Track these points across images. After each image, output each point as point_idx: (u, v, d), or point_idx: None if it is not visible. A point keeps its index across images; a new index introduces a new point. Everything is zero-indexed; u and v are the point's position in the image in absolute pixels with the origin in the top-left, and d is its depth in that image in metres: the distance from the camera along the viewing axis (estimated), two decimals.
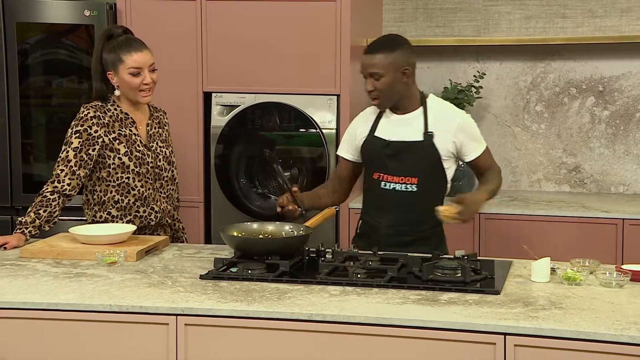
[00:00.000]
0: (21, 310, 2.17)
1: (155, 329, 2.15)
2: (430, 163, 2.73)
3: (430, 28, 4.11)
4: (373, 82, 2.69)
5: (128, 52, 2.79)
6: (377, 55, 2.68)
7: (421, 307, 2.12)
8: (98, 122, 2.81)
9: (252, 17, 3.66)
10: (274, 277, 2.36)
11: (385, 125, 2.79)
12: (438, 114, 2.75)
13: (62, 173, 2.77)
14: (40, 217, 2.73)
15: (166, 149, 2.94)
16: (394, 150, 2.74)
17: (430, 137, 2.72)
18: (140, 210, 2.88)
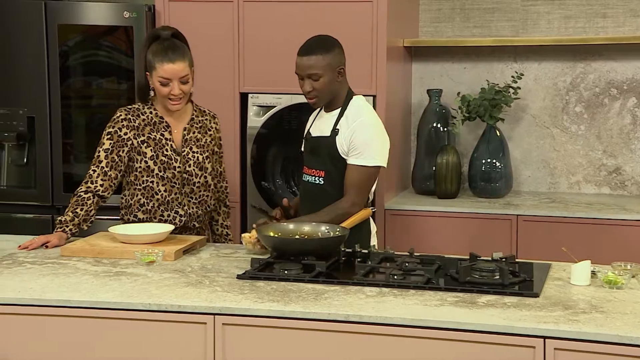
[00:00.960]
0: (63, 308, 2.21)
1: (193, 328, 2.16)
2: (333, 158, 2.81)
3: (468, 28, 4.08)
4: (311, 82, 2.77)
5: (161, 61, 2.80)
6: (315, 56, 2.76)
7: (459, 309, 2.10)
8: (128, 125, 2.85)
9: (288, 19, 3.67)
10: (311, 277, 2.36)
11: (317, 121, 2.93)
12: (350, 113, 2.83)
13: (94, 174, 2.83)
14: (78, 215, 2.78)
15: (200, 155, 2.92)
16: (309, 145, 2.89)
17: (334, 134, 2.80)
18: (165, 214, 2.90)
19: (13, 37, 3.79)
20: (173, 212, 2.90)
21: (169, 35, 2.88)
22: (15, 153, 3.92)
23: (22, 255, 2.64)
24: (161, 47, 2.84)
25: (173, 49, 2.84)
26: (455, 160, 3.83)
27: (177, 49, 2.85)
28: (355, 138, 2.76)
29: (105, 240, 2.75)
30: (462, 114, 3.85)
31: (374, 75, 3.62)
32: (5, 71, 3.82)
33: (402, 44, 3.93)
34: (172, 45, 2.85)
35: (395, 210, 3.69)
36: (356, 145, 2.76)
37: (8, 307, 2.23)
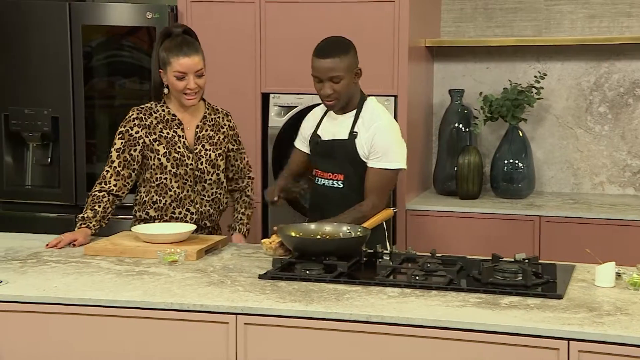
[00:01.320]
0: (86, 307, 2.22)
1: (215, 328, 2.17)
2: (352, 162, 2.80)
3: (490, 28, 4.06)
4: (332, 85, 2.75)
5: (176, 55, 2.83)
6: (337, 58, 2.74)
7: (481, 310, 2.09)
8: (140, 124, 2.87)
9: (310, 19, 3.67)
10: (332, 277, 2.36)
11: (326, 123, 2.89)
12: (367, 115, 2.82)
13: (107, 174, 2.86)
14: (97, 212, 2.81)
15: (212, 153, 2.93)
16: (324, 148, 2.86)
17: (353, 137, 2.80)
18: (176, 211, 2.91)
19: (38, 38, 3.83)
20: (184, 209, 2.91)
21: (181, 32, 2.91)
22: (39, 153, 3.95)
23: (47, 254, 2.67)
24: (175, 42, 2.86)
25: (187, 44, 2.87)
26: (477, 161, 3.81)
27: (191, 44, 2.89)
28: (376, 141, 2.77)
29: (128, 239, 2.77)
30: (484, 114, 3.82)
31: (396, 76, 3.61)
32: (30, 72, 3.86)
33: (424, 44, 3.92)
34: (186, 41, 2.88)
35: (417, 211, 3.68)
36: (377, 148, 2.77)
37: (33, 305, 2.25)
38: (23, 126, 3.86)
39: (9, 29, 3.84)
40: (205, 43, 3.77)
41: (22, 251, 2.71)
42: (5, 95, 3.88)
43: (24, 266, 2.53)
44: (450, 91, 3.95)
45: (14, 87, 3.88)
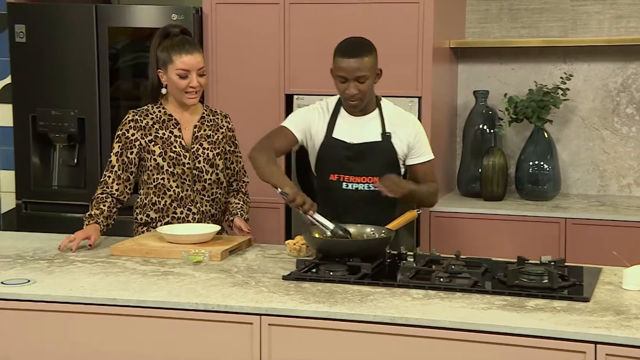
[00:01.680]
0: (112, 307, 2.24)
1: (239, 328, 2.18)
2: (388, 163, 2.82)
3: (515, 29, 4.03)
4: (357, 85, 2.73)
5: (178, 53, 2.82)
6: (364, 58, 2.73)
7: (507, 312, 2.07)
8: (135, 126, 2.88)
9: (334, 20, 3.67)
10: (356, 279, 2.36)
11: (344, 126, 2.83)
12: (393, 115, 2.84)
13: (109, 179, 2.88)
14: (103, 211, 2.82)
15: (210, 152, 2.92)
16: (355, 152, 2.81)
17: (388, 138, 2.81)
18: (177, 211, 2.91)
19: (65, 40, 3.87)
20: (186, 209, 2.91)
21: (179, 31, 2.90)
22: (65, 153, 3.99)
23: (73, 254, 2.70)
24: (176, 41, 2.86)
25: (189, 42, 2.87)
26: (501, 162, 3.78)
27: (192, 42, 2.89)
28: (419, 138, 2.85)
29: (153, 240, 2.78)
30: (509, 116, 3.80)
31: (420, 77, 3.60)
32: (57, 74, 3.90)
33: (448, 45, 3.90)
34: (187, 39, 2.88)
35: (441, 213, 3.66)
36: (418, 144, 2.85)
37: (60, 304, 2.27)
38: (50, 127, 3.90)
39: (37, 32, 3.88)
40: (230, 44, 3.81)
41: (50, 251, 2.74)
42: (33, 96, 3.92)
43: (51, 266, 2.56)
44: (474, 92, 3.93)
45: (41, 88, 3.92)
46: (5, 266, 2.55)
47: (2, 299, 2.29)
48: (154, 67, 2.90)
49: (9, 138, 4.11)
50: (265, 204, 3.81)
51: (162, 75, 2.88)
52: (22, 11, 3.90)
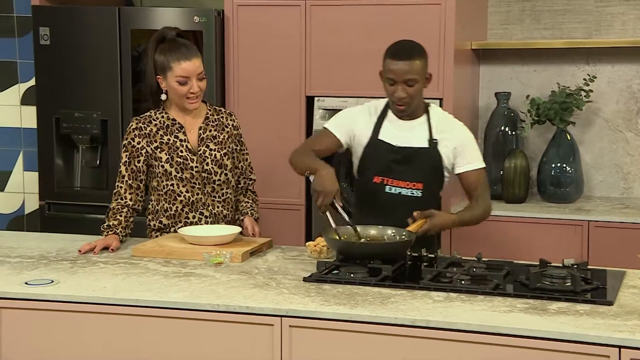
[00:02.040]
0: (134, 307, 2.26)
1: (260, 330, 2.18)
2: (433, 169, 2.79)
3: (538, 30, 4.00)
4: (406, 88, 2.70)
5: (177, 60, 2.78)
6: (415, 61, 2.69)
7: (529, 316, 2.06)
8: (140, 134, 2.86)
9: (355, 22, 3.67)
10: (377, 281, 2.36)
11: (390, 129, 2.80)
12: (441, 122, 2.80)
13: (121, 189, 2.88)
14: (120, 221, 2.82)
15: (218, 152, 2.90)
16: (401, 156, 2.77)
17: (435, 145, 2.77)
18: (190, 216, 2.89)
19: (88, 42, 3.90)
20: (198, 213, 2.90)
21: (175, 35, 2.86)
22: (88, 155, 4.02)
23: (95, 256, 2.72)
24: (173, 46, 2.81)
25: (186, 47, 2.83)
26: (523, 164, 3.76)
27: (190, 47, 2.84)
28: (467, 145, 2.79)
29: (175, 241, 2.80)
30: (532, 118, 3.78)
31: (441, 79, 3.59)
32: (80, 76, 3.93)
33: (470, 47, 3.88)
34: (184, 44, 2.84)
35: None
36: (464, 152, 2.78)
37: (83, 305, 2.29)
38: (73, 129, 3.93)
39: (61, 35, 3.92)
40: (251, 46, 3.82)
41: (72, 252, 2.77)
42: (56, 98, 3.96)
43: (74, 266, 2.58)
44: (496, 94, 3.91)
45: (65, 91, 3.95)
46: (29, 266, 2.58)
47: (26, 299, 2.32)
48: (151, 72, 2.85)
49: (33, 140, 4.15)
50: (285, 205, 3.82)
51: (161, 82, 2.84)
52: (47, 14, 3.94)
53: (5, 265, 2.60)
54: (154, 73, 2.86)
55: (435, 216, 2.65)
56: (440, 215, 2.69)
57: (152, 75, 2.87)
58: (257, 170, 3.16)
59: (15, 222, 4.62)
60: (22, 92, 4.53)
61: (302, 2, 3.73)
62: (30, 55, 4.14)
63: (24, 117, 4.53)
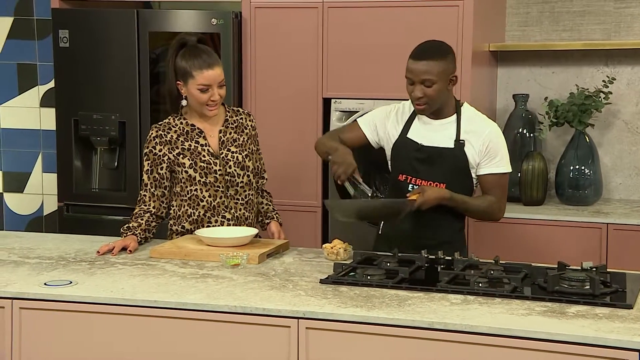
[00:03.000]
0: (152, 309, 2.27)
1: (277, 331, 2.18)
2: (458, 170, 2.75)
3: (557, 32, 3.98)
4: (423, 88, 2.69)
5: (199, 68, 2.79)
6: (432, 62, 2.68)
7: (547, 319, 2.05)
8: (161, 141, 2.87)
9: (372, 24, 3.67)
10: (394, 283, 2.35)
11: (419, 128, 2.80)
12: (470, 123, 2.76)
13: (145, 197, 2.89)
14: (141, 224, 2.84)
15: (239, 154, 2.92)
16: (426, 155, 2.76)
17: (461, 145, 2.74)
18: (212, 220, 2.90)
19: (107, 45, 3.92)
20: (220, 217, 2.90)
21: (195, 41, 2.87)
22: (106, 157, 4.05)
23: (114, 257, 2.73)
24: (194, 52, 2.82)
25: (208, 54, 2.83)
26: (541, 167, 3.74)
27: (211, 54, 2.85)
28: (492, 148, 2.73)
29: (192, 242, 2.81)
30: (550, 120, 3.76)
31: (459, 80, 3.56)
32: (99, 78, 3.96)
33: (488, 49, 3.87)
34: (205, 50, 2.84)
35: None
36: (493, 154, 2.74)
37: (101, 306, 2.30)
38: (92, 131, 3.96)
39: (80, 37, 3.95)
40: (269, 48, 3.83)
41: (91, 253, 2.78)
42: (75, 100, 3.99)
43: (92, 267, 2.60)
44: (514, 96, 3.90)
45: (83, 93, 3.98)
46: (48, 267, 2.60)
47: (45, 300, 2.33)
48: (172, 78, 2.87)
49: (52, 141, 4.19)
50: (301, 207, 3.82)
51: (181, 87, 2.86)
52: (66, 17, 3.97)
53: (24, 266, 2.62)
54: (174, 79, 2.87)
55: (427, 191, 2.67)
56: (431, 190, 2.69)
57: (172, 81, 2.88)
58: (274, 172, 3.18)
59: (34, 223, 4.66)
60: (41, 94, 4.57)
61: (319, 3, 3.73)
62: (49, 57, 4.17)
63: (43, 119, 4.57)
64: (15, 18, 4.53)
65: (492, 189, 2.77)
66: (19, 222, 4.67)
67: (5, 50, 4.57)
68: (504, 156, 2.77)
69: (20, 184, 4.66)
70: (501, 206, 2.80)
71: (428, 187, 2.70)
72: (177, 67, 2.85)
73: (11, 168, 4.66)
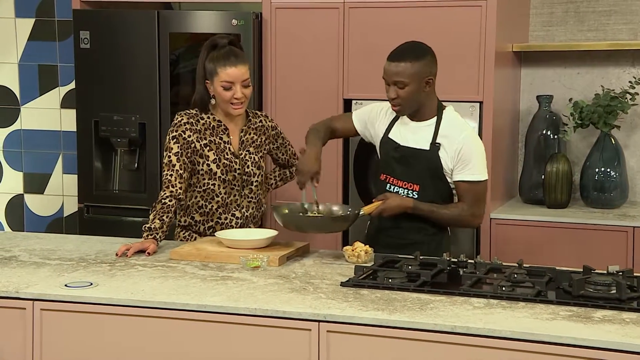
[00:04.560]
0: (172, 311, 2.27)
1: (297, 335, 2.18)
2: (432, 173, 2.78)
3: (582, 32, 3.95)
4: (397, 90, 2.73)
5: (223, 65, 2.88)
6: (403, 63, 2.71)
7: (572, 323, 2.03)
8: (191, 128, 2.92)
9: (393, 24, 3.66)
10: (415, 286, 2.34)
11: (400, 128, 2.86)
12: (449, 126, 2.77)
13: (172, 178, 2.90)
14: (164, 222, 2.85)
15: (256, 155, 3.00)
16: (401, 154, 2.81)
17: (436, 149, 2.76)
18: (222, 217, 2.96)
19: (127, 46, 3.95)
20: (230, 214, 2.97)
21: (226, 43, 2.95)
22: (126, 158, 4.07)
23: (134, 258, 2.75)
24: (222, 53, 2.91)
25: (234, 54, 2.92)
26: (566, 169, 3.71)
27: (238, 54, 2.94)
28: (464, 154, 2.74)
29: (212, 244, 2.82)
30: (574, 121, 3.72)
31: (481, 81, 3.56)
32: (119, 79, 3.98)
33: (511, 49, 3.85)
34: (233, 51, 2.93)
35: (502, 220, 3.61)
36: (465, 160, 2.74)
37: (122, 307, 2.32)
38: (112, 132, 3.98)
39: (101, 38, 3.98)
40: (289, 49, 3.84)
41: (111, 254, 2.80)
42: (96, 102, 4.01)
43: (112, 269, 2.61)
44: (538, 97, 3.87)
45: (104, 94, 4.01)
46: (68, 269, 2.62)
47: (66, 301, 2.35)
48: (201, 79, 2.95)
49: (73, 143, 4.22)
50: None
51: (209, 86, 2.94)
52: (87, 18, 4.00)
53: (45, 267, 2.64)
54: (203, 79, 2.94)
55: (389, 198, 2.75)
56: (394, 198, 2.76)
57: (201, 82, 2.95)
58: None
59: (55, 224, 4.70)
60: (62, 96, 4.61)
61: (340, 4, 3.73)
62: (70, 58, 4.21)
63: (63, 120, 4.61)
64: (37, 19, 4.58)
65: (464, 196, 2.78)
66: (39, 224, 4.72)
67: (26, 51, 4.62)
68: (477, 164, 2.76)
69: (41, 185, 4.71)
70: (475, 213, 2.79)
71: (391, 195, 2.78)
72: (207, 67, 2.93)
73: (32, 169, 4.71)
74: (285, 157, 3.16)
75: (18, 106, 4.68)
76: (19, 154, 4.72)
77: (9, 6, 4.59)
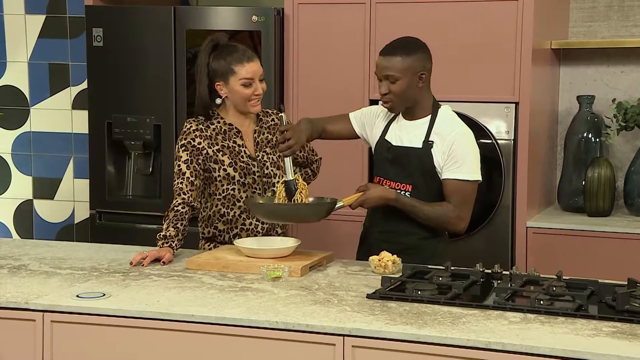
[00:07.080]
0: (189, 324, 2.29)
1: (321, 349, 2.19)
2: (425, 172, 2.80)
3: (626, 28, 3.92)
4: (388, 85, 2.77)
5: (240, 62, 2.89)
6: (394, 58, 2.75)
7: (617, 340, 2.02)
8: (201, 135, 2.93)
9: (424, 20, 3.66)
10: (446, 299, 2.34)
11: (395, 129, 2.89)
12: (442, 124, 2.80)
13: (183, 186, 2.91)
14: (179, 230, 2.86)
15: (274, 155, 3.01)
16: (393, 155, 2.86)
17: (428, 146, 2.79)
18: (247, 222, 2.97)
19: (142, 44, 3.98)
20: (254, 219, 2.98)
21: (227, 40, 2.96)
22: (140, 162, 4.10)
23: (148, 268, 2.77)
24: (231, 49, 2.92)
25: (245, 50, 2.94)
26: (608, 174, 3.69)
27: (248, 49, 2.96)
28: (455, 151, 2.76)
29: (230, 253, 2.83)
30: (618, 123, 3.71)
31: (517, 81, 3.55)
32: (133, 78, 4.01)
33: (550, 46, 3.83)
34: (240, 47, 2.94)
35: (539, 229, 3.60)
36: (456, 158, 2.76)
37: (136, 320, 2.33)
38: (125, 134, 4.01)
39: (114, 36, 4.01)
40: (312, 46, 3.85)
41: (124, 263, 2.82)
42: (109, 102, 4.04)
43: (126, 279, 2.63)
44: (578, 97, 3.85)
45: (117, 94, 4.04)
46: (80, 278, 2.65)
47: (78, 313, 2.37)
48: (204, 81, 2.93)
49: (84, 145, 4.26)
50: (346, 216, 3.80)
51: (221, 88, 2.93)
52: (101, 14, 4.04)
53: (56, 277, 2.67)
54: (206, 82, 2.94)
55: (371, 189, 2.79)
56: (375, 189, 2.80)
57: (203, 84, 2.94)
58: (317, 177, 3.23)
59: (65, 231, 4.75)
60: (73, 96, 4.66)
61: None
62: (82, 57, 4.25)
63: (75, 122, 4.66)
64: (47, 16, 4.63)
65: (452, 195, 2.78)
66: (49, 230, 4.77)
67: (36, 49, 4.68)
68: (468, 162, 2.77)
69: (51, 190, 4.76)
70: (460, 215, 2.79)
71: (373, 185, 2.83)
72: (214, 68, 2.92)
73: (42, 174, 4.77)
74: (303, 153, 3.13)
75: (27, 107, 4.74)
76: (28, 158, 4.78)
77: (19, 2, 4.65)
